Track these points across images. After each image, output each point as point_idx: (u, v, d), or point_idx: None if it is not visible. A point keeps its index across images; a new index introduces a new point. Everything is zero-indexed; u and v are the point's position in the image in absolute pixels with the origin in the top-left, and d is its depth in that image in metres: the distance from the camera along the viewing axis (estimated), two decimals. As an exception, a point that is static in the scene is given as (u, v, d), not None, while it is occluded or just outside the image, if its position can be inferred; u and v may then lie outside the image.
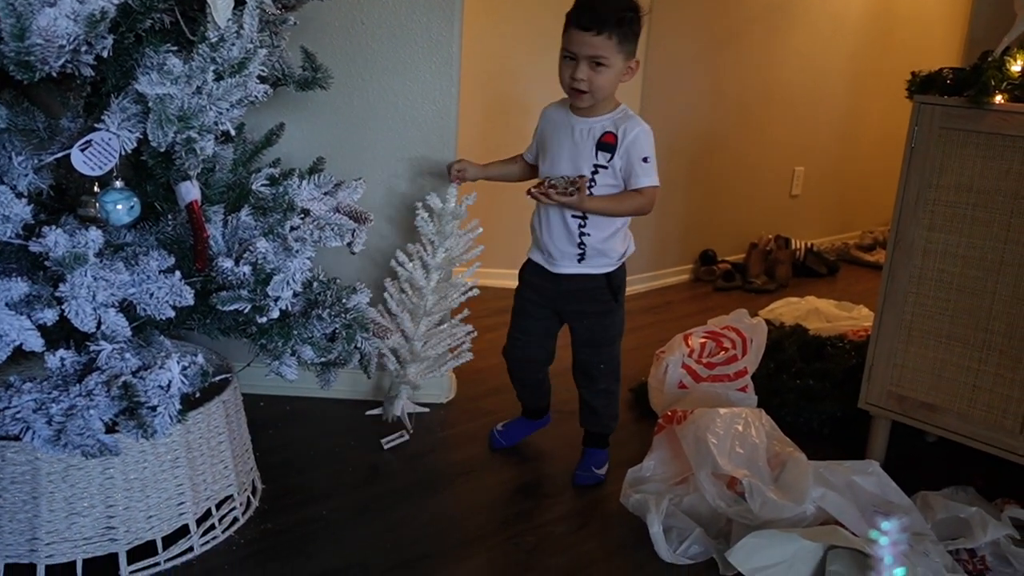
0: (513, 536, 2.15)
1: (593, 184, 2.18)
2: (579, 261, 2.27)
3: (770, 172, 5.02)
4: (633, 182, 2.17)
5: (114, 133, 1.57)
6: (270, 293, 1.73)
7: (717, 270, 4.63)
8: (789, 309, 3.79)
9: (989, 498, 2.32)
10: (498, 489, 2.37)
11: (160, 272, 1.67)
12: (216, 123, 1.63)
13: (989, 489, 2.35)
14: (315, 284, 1.97)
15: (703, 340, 2.86)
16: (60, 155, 1.65)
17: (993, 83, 2.20)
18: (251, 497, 2.17)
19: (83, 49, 1.47)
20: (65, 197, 1.80)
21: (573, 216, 2.21)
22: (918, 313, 2.43)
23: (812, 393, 2.81)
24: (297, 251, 1.77)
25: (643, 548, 2.10)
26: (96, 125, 1.59)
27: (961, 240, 2.33)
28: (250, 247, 1.73)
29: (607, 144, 2.16)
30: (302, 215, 1.91)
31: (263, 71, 1.72)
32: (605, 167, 2.17)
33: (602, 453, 2.48)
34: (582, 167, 2.19)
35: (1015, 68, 2.21)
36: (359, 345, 1.98)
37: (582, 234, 2.23)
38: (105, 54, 1.53)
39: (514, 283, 2.46)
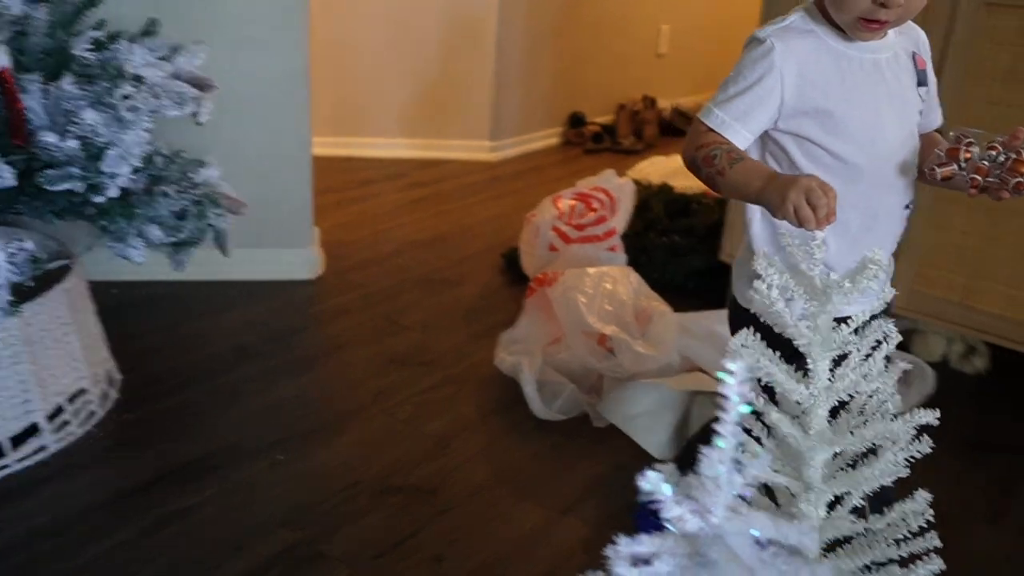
0: (389, 407, 2.15)
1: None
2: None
3: (636, 30, 4.97)
4: (934, 117, 1.40)
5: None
6: (105, 170, 1.60)
7: (586, 132, 4.62)
8: (656, 168, 3.82)
9: (842, 338, 2.44)
10: (372, 362, 2.35)
11: (-27, 151, 1.52)
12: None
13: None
14: (158, 159, 1.83)
15: (572, 202, 2.86)
16: None
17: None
18: (108, 389, 2.07)
19: None
20: None
21: (907, 205, 1.35)
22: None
23: (678, 249, 2.86)
24: (131, 122, 1.63)
25: (518, 407, 2.13)
26: None
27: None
28: (76, 119, 1.58)
29: (920, 72, 1.34)
30: (135, 83, 1.76)
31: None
32: (921, 112, 1.35)
33: None
34: (910, 117, 1.32)
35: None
36: (212, 222, 1.88)
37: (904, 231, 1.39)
38: None
39: (381, 152, 2.35)
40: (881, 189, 1.30)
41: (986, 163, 1.18)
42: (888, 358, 0.97)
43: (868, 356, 0.96)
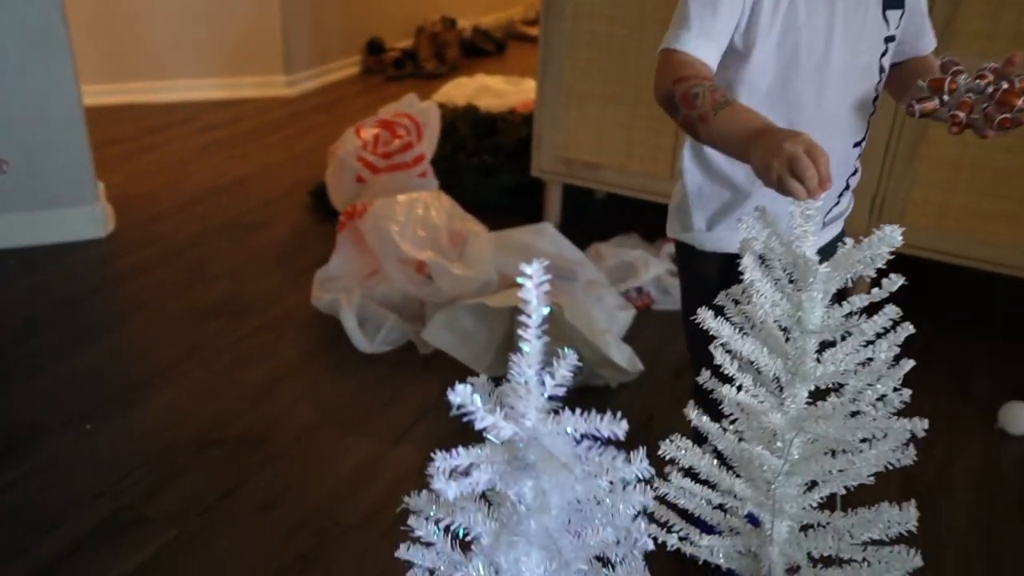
0: (204, 360, 2.04)
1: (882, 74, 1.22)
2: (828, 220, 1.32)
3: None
4: (924, 43, 1.27)
5: None
6: None
7: (386, 59, 4.50)
8: (460, 90, 3.78)
9: (650, 240, 2.52)
10: (181, 316, 2.22)
11: None
12: None
13: (650, 233, 2.55)
14: None
15: (376, 131, 2.78)
16: None
17: None
18: None
19: None
20: None
21: (856, 143, 1.25)
22: (575, 76, 2.49)
23: (488, 168, 2.85)
24: None
25: (341, 345, 2.08)
26: None
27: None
28: None
29: None
30: None
31: None
32: (892, 38, 1.21)
33: None
34: (869, 46, 1.18)
35: None
36: (-28, 182, 1.69)
37: (851, 179, 1.31)
38: None
39: (168, 96, 2.18)
40: (826, 125, 1.16)
41: (972, 96, 1.03)
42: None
43: (868, 344, 0.94)
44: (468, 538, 0.84)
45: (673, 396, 1.97)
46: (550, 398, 0.78)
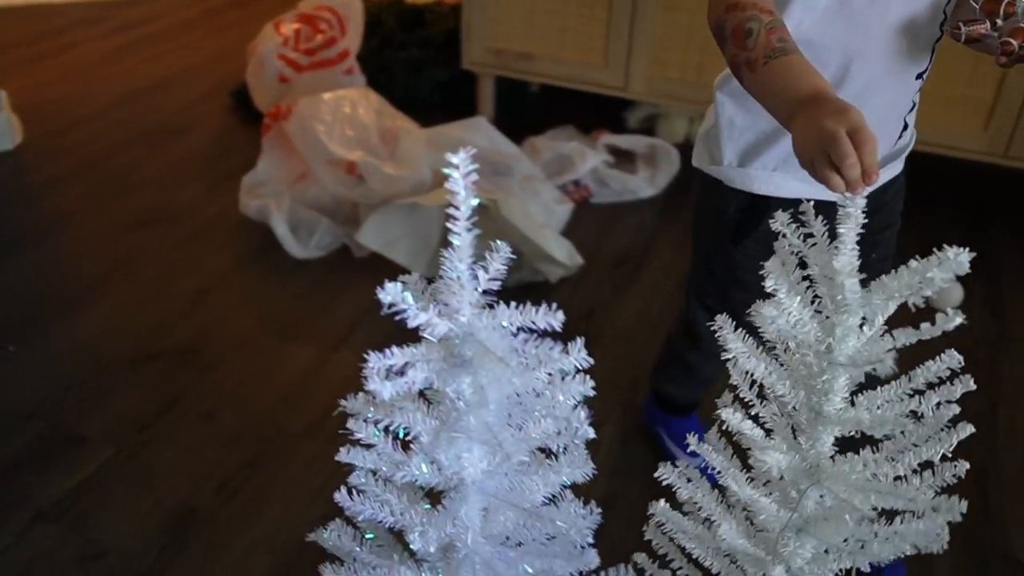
0: (132, 273, 1.98)
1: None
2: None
3: None
4: None
5: None
6: None
7: (305, -48, 4.28)
8: (384, -18, 3.62)
9: (586, 132, 2.48)
10: (104, 229, 2.13)
11: None
12: None
13: (585, 124, 2.51)
14: None
15: (296, 26, 2.66)
16: None
17: None
18: None
19: None
20: None
21: (919, 74, 1.07)
22: (502, -39, 2.40)
23: (417, 63, 2.76)
24: None
25: (273, 251, 2.03)
26: None
27: None
28: None
29: None
30: None
31: None
32: None
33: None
34: None
35: None
36: None
37: (908, 116, 1.13)
38: None
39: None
40: (890, 52, 1.01)
41: None
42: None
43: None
44: (408, 438, 0.83)
45: (613, 288, 1.97)
46: (485, 293, 0.76)
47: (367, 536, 0.99)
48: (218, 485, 1.45)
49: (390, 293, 0.72)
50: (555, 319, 0.73)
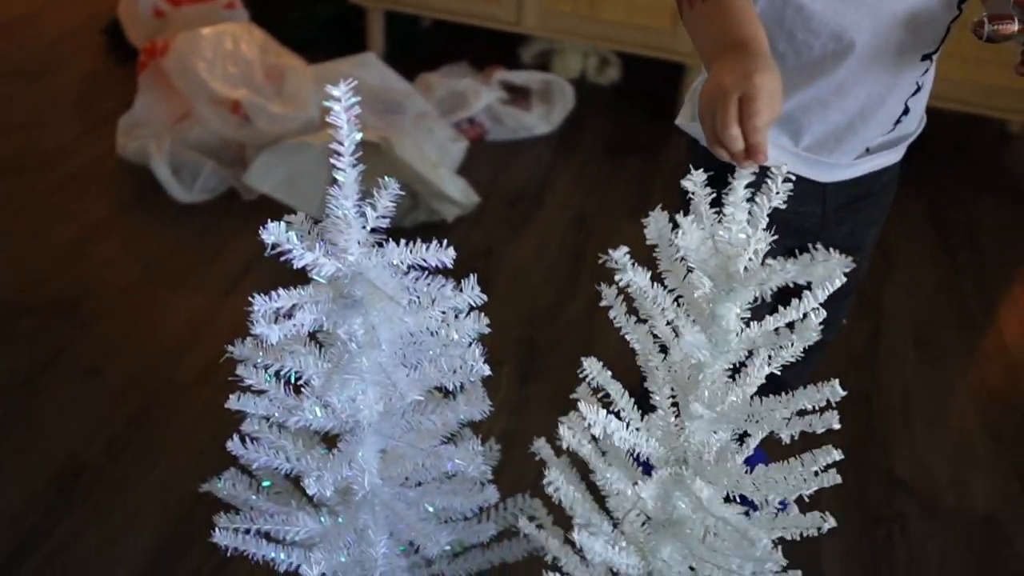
0: (2, 223, 1.86)
1: None
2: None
3: None
4: None
5: None
6: None
7: None
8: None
9: (480, 69, 2.44)
10: (-32, 176, 2.00)
11: None
12: None
13: (479, 61, 2.47)
14: None
15: (172, -43, 2.51)
16: None
17: None
18: None
19: None
20: None
21: (927, 55, 0.94)
22: None
23: (303, -2, 2.65)
24: None
25: (156, 196, 1.94)
26: None
27: None
28: None
29: None
30: None
31: None
32: None
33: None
34: None
35: None
36: None
37: (911, 100, 0.99)
38: None
39: None
40: (890, 27, 0.88)
41: None
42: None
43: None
44: (301, 382, 0.81)
45: (510, 226, 1.96)
46: (374, 231, 0.74)
47: (263, 484, 0.97)
48: (106, 440, 1.39)
49: (273, 233, 0.69)
50: (446, 256, 0.71)
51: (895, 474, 1.43)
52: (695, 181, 0.68)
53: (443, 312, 0.76)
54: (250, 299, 0.71)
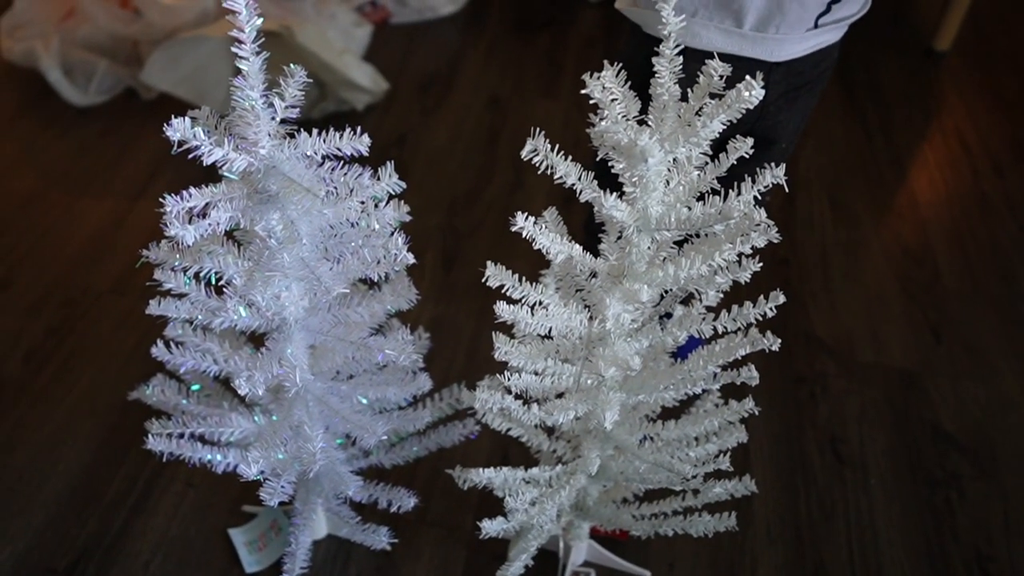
0: None
1: None
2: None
3: None
4: None
5: None
6: None
7: None
8: None
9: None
10: None
11: None
12: None
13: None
14: None
15: None
16: None
17: None
18: None
19: None
20: None
21: None
22: None
23: None
24: None
25: (48, 100, 1.84)
26: None
27: None
28: None
29: None
30: None
31: None
32: None
33: None
34: None
35: None
36: None
37: None
38: None
39: None
40: None
41: None
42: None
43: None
44: (222, 282, 0.79)
45: (422, 111, 1.92)
46: (284, 122, 0.71)
47: (192, 388, 0.97)
48: (24, 354, 1.36)
49: (178, 130, 0.66)
50: (361, 144, 0.70)
51: (815, 334, 1.49)
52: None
53: (362, 202, 0.75)
54: (161, 200, 0.69)
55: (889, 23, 2.38)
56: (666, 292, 0.81)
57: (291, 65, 0.70)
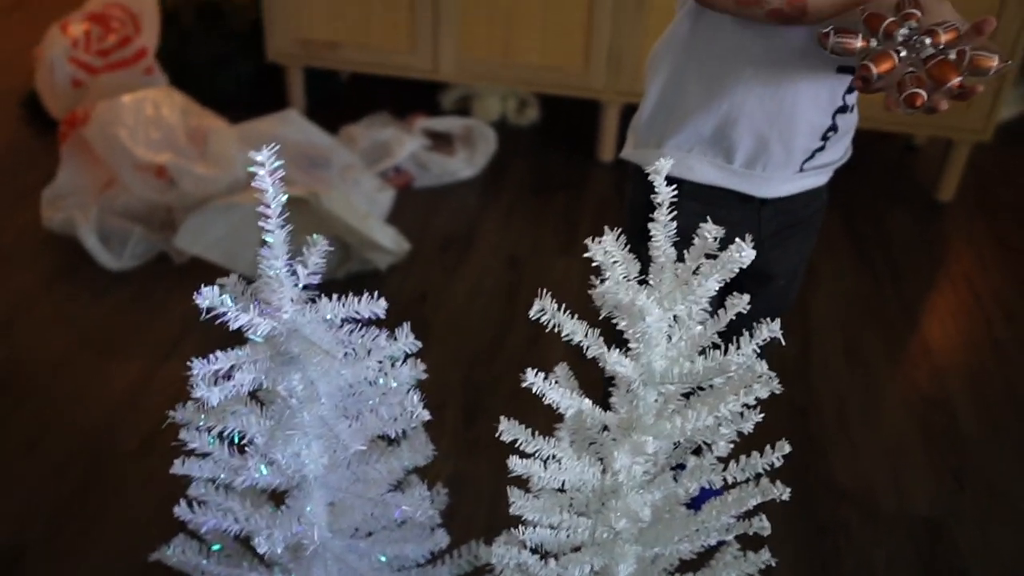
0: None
1: None
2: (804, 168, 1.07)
3: None
4: None
5: None
6: None
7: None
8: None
9: (401, 117, 2.48)
10: None
11: None
12: None
13: (400, 109, 2.51)
14: None
15: (86, 27, 2.50)
16: None
17: None
18: None
19: None
20: None
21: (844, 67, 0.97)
22: (299, -52, 2.35)
23: (221, 59, 2.66)
24: None
25: (85, 266, 1.92)
26: None
27: None
28: None
29: None
30: None
31: None
32: None
33: None
34: None
35: None
36: None
37: (840, 113, 1.03)
38: None
39: None
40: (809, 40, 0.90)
41: (903, 52, 0.77)
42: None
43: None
44: (244, 441, 0.82)
45: (443, 270, 1.99)
46: (307, 287, 0.76)
47: (213, 547, 0.98)
48: (47, 517, 1.37)
49: (207, 297, 0.71)
50: (379, 307, 0.74)
51: (836, 483, 1.48)
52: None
53: (380, 362, 0.78)
54: (188, 363, 0.73)
55: (893, 175, 2.46)
56: (676, 443, 0.83)
57: (314, 235, 0.75)
